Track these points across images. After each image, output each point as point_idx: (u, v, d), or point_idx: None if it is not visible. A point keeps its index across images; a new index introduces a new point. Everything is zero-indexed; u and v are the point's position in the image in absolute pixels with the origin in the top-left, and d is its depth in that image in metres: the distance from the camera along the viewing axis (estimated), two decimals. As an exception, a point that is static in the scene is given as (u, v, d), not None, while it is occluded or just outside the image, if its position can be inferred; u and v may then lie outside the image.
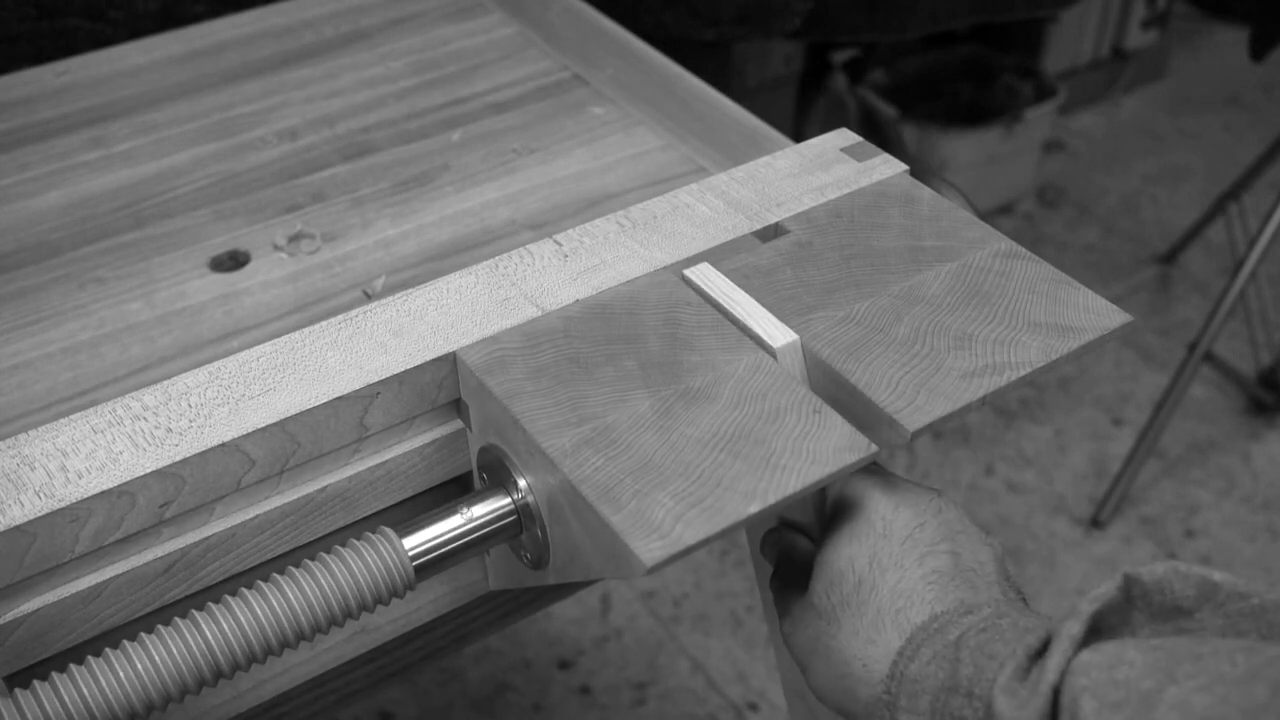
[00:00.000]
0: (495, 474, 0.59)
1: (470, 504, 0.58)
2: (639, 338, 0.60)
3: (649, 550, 0.49)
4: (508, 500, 0.58)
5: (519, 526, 0.59)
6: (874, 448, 0.53)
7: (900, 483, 0.57)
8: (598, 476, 0.52)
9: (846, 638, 0.54)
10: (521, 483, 0.57)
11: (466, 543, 0.58)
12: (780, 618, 0.59)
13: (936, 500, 0.56)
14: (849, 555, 0.55)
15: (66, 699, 0.50)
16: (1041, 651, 0.49)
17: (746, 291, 0.62)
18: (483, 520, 0.58)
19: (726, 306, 0.61)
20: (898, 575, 0.54)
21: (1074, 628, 0.47)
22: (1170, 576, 0.49)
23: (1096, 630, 0.48)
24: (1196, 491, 1.86)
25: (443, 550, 0.57)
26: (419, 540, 0.57)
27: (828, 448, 0.53)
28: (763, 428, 0.54)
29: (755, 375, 0.57)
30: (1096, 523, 1.81)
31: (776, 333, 0.60)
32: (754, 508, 0.51)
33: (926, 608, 0.53)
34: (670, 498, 0.51)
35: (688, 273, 0.63)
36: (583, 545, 0.53)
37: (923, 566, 0.54)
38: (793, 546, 0.61)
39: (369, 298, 0.79)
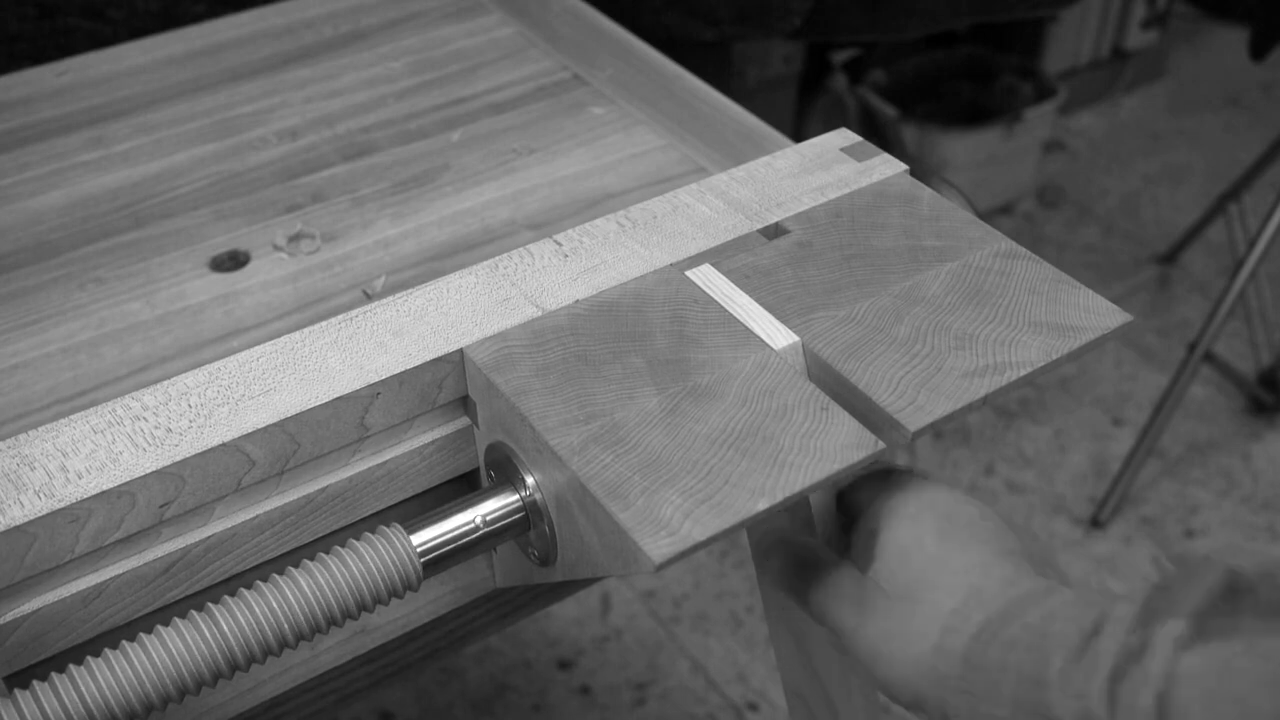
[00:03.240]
0: (503, 471, 0.59)
1: (478, 501, 0.58)
2: (646, 335, 0.60)
3: (657, 547, 0.49)
4: (515, 497, 0.58)
5: (527, 524, 0.58)
6: (881, 444, 0.53)
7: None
8: (606, 474, 0.52)
9: (928, 610, 0.52)
10: (529, 480, 0.57)
11: (474, 540, 0.58)
12: (828, 615, 0.57)
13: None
14: (915, 535, 0.54)
15: (66, 699, 0.50)
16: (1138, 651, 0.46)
17: (746, 292, 0.62)
18: (490, 517, 0.58)
19: (727, 309, 0.61)
20: (975, 551, 0.53)
21: (1177, 629, 0.45)
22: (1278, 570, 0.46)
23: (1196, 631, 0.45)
24: (1196, 491, 1.86)
25: (450, 547, 0.57)
26: (427, 536, 0.57)
27: (835, 445, 0.53)
28: (770, 425, 0.54)
29: (763, 372, 0.57)
30: (1096, 523, 1.81)
31: (777, 335, 0.60)
32: (763, 505, 0.51)
33: (1005, 587, 0.51)
34: (679, 495, 0.51)
35: (689, 274, 0.63)
36: (590, 542, 0.53)
37: (992, 545, 0.53)
38: (802, 547, 0.61)
39: (369, 298, 0.79)
